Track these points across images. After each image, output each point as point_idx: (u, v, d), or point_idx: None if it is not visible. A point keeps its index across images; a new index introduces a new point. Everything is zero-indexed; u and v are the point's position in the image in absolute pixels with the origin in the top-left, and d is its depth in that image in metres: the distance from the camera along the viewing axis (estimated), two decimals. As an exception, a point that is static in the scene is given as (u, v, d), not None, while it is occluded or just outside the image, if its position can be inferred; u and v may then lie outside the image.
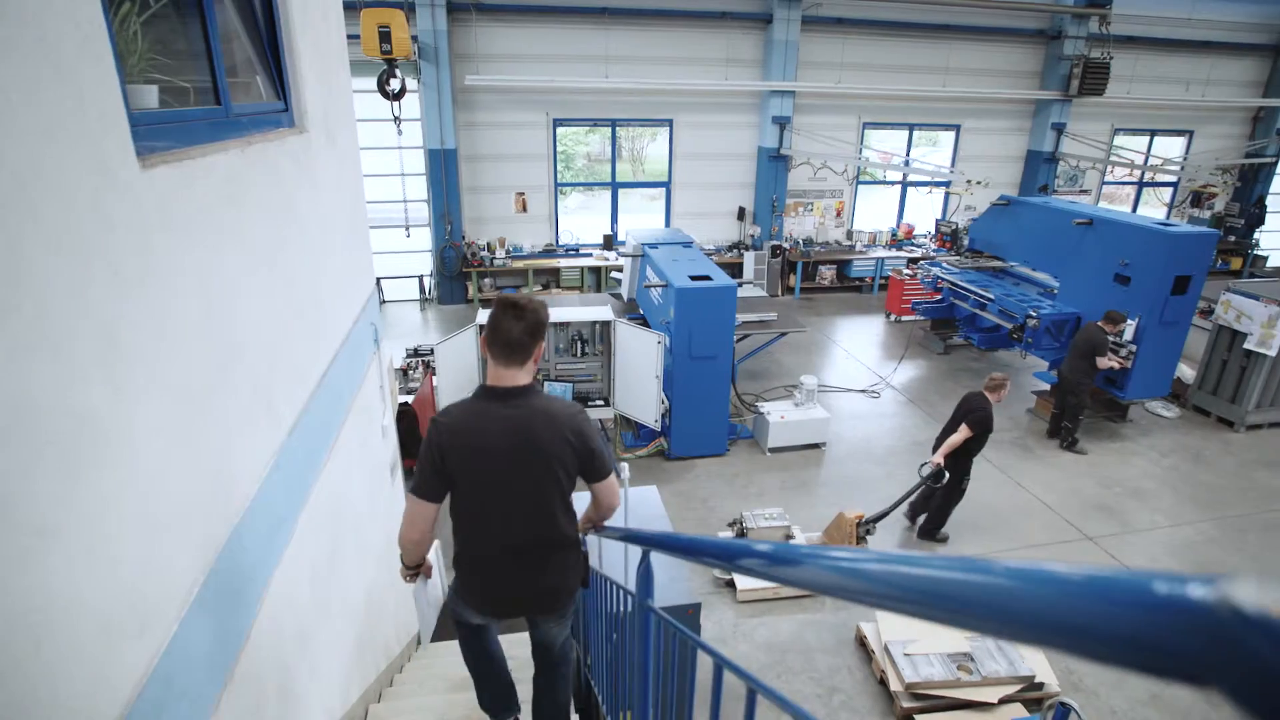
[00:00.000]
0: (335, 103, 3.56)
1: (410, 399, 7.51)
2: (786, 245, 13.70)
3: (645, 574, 1.89)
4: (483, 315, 7.11)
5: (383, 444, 4.40)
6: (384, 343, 4.97)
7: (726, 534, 6.32)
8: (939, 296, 10.87)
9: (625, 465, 3.14)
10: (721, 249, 13.79)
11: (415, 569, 2.69)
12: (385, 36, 7.01)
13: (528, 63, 12.03)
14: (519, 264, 12.75)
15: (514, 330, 2.31)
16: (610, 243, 13.10)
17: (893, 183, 14.97)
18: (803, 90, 12.97)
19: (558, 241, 13.37)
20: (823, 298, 13.93)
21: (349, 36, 7.40)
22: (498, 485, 2.37)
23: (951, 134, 14.69)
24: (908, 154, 14.43)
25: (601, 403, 7.31)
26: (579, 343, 7.30)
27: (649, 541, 1.88)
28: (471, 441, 2.33)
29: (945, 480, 6.13)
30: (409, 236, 11.74)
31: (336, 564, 3.21)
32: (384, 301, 12.77)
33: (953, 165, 14.31)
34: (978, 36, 13.60)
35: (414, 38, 11.16)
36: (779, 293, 13.63)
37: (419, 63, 11.38)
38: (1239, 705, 0.32)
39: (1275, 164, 16.12)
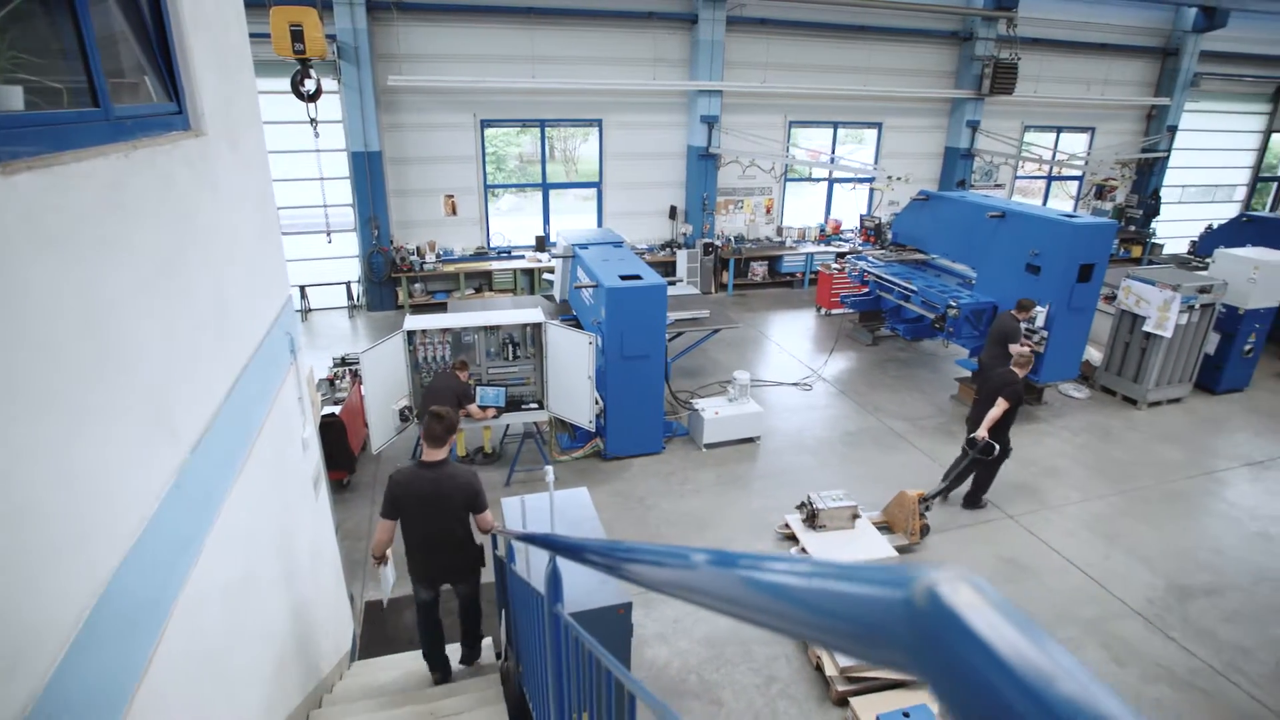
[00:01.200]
0: (238, 104, 3.41)
1: (338, 410, 7.28)
2: (718, 243, 13.87)
3: (553, 577, 1.87)
4: (410, 320, 6.97)
5: (304, 458, 4.25)
6: (307, 353, 4.83)
7: (794, 516, 6.55)
8: (866, 290, 11.20)
9: (550, 469, 3.12)
10: (654, 248, 13.86)
11: (380, 557, 4.20)
12: (298, 35, 6.75)
13: (453, 63, 11.83)
14: (450, 268, 12.53)
15: (437, 430, 4.00)
16: (543, 244, 13.01)
17: (819, 179, 15.35)
18: (729, 90, 13.17)
19: (489, 244, 13.20)
20: (755, 294, 14.17)
21: (258, 35, 7.11)
22: (425, 514, 4.07)
23: (874, 131, 15.16)
24: (833, 151, 14.82)
25: (535, 405, 7.25)
26: (510, 346, 7.22)
27: (533, 542, 1.87)
28: (411, 491, 4.03)
29: (997, 452, 6.58)
30: (330, 242, 11.38)
31: (253, 584, 3.08)
32: (309, 310, 12.36)
33: (876, 162, 14.77)
34: (895, 38, 14.07)
35: (332, 37, 10.82)
36: (712, 290, 13.80)
37: (338, 63, 11.05)
38: (935, 690, 0.33)
39: (1167, 158, 17.23)
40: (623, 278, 7.20)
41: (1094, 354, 10.08)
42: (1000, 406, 6.44)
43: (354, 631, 5.43)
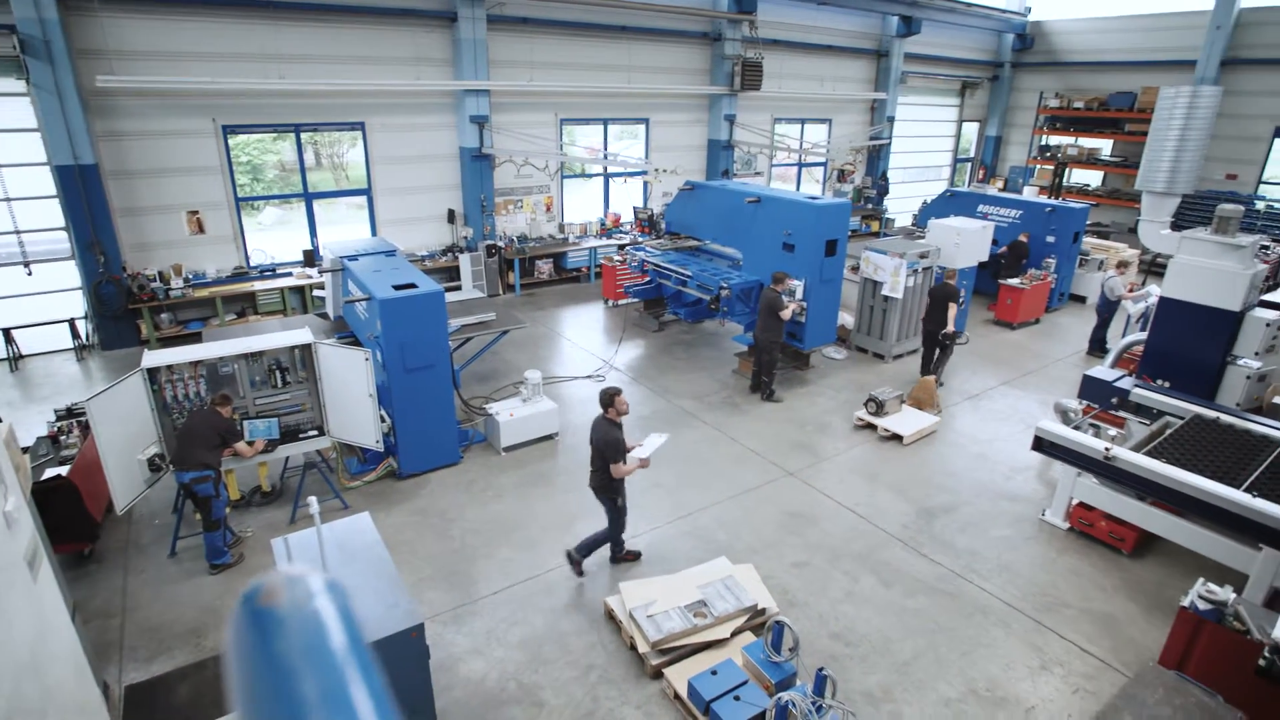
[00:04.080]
0: None
1: (65, 470, 6.20)
2: (501, 244, 13.73)
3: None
4: (150, 357, 6.12)
5: (8, 537, 3.56)
6: (20, 408, 4.04)
7: (861, 411, 8.88)
8: (647, 279, 11.68)
9: (314, 501, 2.86)
10: (435, 254, 13.40)
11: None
12: (-50, 29, 5.56)
13: (180, 61, 10.49)
14: (203, 292, 11.15)
15: None
16: (311, 259, 12.04)
17: (594, 175, 15.75)
18: (496, 89, 13.04)
19: (249, 263, 11.94)
20: (543, 291, 14.23)
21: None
22: None
23: (643, 127, 15.84)
24: (605, 148, 15.27)
25: (315, 432, 6.71)
26: (278, 372, 6.61)
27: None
28: None
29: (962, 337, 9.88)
30: (30, 275, 9.66)
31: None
32: (20, 357, 10.39)
33: (646, 156, 15.45)
34: (653, 37, 14.79)
35: (10, 28, 9.14)
36: (500, 291, 13.65)
37: (23, 59, 9.33)
38: (233, 672, 0.35)
39: (890, 144, 19.91)
40: (396, 288, 6.86)
41: (847, 319, 11.39)
42: (954, 308, 9.35)
43: (111, 723, 4.67)
